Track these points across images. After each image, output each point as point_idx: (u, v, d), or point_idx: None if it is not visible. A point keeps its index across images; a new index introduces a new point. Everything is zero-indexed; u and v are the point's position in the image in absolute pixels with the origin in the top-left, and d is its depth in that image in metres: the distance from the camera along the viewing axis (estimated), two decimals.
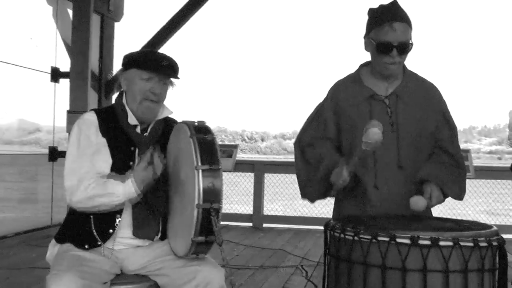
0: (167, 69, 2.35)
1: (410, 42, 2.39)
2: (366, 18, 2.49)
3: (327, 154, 2.47)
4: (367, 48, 2.49)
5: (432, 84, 2.59)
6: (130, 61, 2.38)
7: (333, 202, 2.65)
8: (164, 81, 2.38)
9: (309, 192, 2.56)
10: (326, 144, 2.52)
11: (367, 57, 2.54)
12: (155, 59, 2.34)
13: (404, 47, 2.38)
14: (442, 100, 2.58)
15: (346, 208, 2.53)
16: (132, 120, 2.39)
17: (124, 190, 2.23)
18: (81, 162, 2.29)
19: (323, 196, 2.56)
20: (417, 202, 2.29)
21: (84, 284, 2.05)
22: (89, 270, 2.16)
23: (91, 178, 2.25)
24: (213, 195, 2.07)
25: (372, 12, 2.45)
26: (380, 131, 2.16)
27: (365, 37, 2.48)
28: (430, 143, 2.50)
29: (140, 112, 2.38)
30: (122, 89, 2.45)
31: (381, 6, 2.42)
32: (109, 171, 2.31)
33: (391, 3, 2.42)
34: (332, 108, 2.55)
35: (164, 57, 2.36)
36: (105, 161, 2.32)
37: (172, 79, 2.45)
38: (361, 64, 2.61)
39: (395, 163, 2.43)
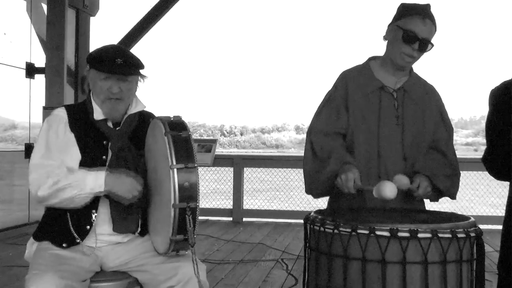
0: (122, 68, 2.29)
1: (431, 43, 2.45)
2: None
3: (336, 152, 2.45)
4: (387, 36, 2.51)
5: (433, 87, 2.66)
6: (90, 61, 2.35)
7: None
8: (123, 79, 2.33)
9: (314, 189, 2.55)
10: (338, 140, 2.51)
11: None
12: (110, 58, 2.28)
13: (426, 44, 2.43)
14: (441, 103, 2.65)
15: (344, 201, 2.52)
16: (98, 115, 2.37)
17: (94, 179, 2.20)
18: (49, 157, 2.26)
19: (328, 194, 2.58)
20: (401, 179, 2.32)
21: (65, 284, 2.04)
22: (69, 268, 2.15)
23: (60, 173, 2.22)
24: (189, 194, 2.05)
25: (405, 5, 2.49)
26: (395, 188, 2.21)
27: (390, 24, 2.50)
28: (428, 141, 2.56)
29: (105, 111, 2.36)
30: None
31: (417, 3, 2.47)
32: (77, 167, 2.28)
33: (426, 4, 2.47)
34: (342, 96, 2.55)
35: (120, 55, 2.30)
36: (74, 157, 2.30)
37: (141, 72, 2.41)
38: (370, 58, 2.65)
39: (400, 155, 2.48)
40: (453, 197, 2.55)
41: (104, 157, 2.34)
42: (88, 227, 2.31)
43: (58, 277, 2.04)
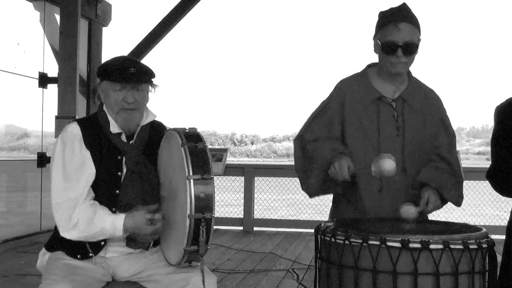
0: (136, 76, 2.30)
1: (417, 43, 2.40)
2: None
3: (328, 142, 2.44)
4: (375, 50, 2.48)
5: (433, 91, 2.61)
6: (102, 73, 2.35)
7: (331, 204, 2.63)
8: (136, 88, 2.33)
9: (308, 184, 2.50)
10: (330, 141, 2.47)
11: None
12: (123, 68, 2.29)
13: (410, 48, 2.38)
14: (442, 107, 2.59)
15: (344, 212, 2.51)
16: (114, 128, 2.36)
17: (113, 226, 2.22)
18: (68, 184, 2.25)
19: (323, 191, 2.51)
20: (408, 211, 2.28)
21: None
22: (81, 278, 2.16)
23: (79, 211, 2.21)
24: (205, 205, 2.06)
25: (380, 14, 2.46)
26: (395, 163, 2.20)
27: (373, 38, 2.48)
28: (430, 149, 2.51)
29: (120, 122, 2.35)
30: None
31: (390, 8, 2.43)
32: (92, 182, 2.28)
33: (400, 5, 2.43)
34: (338, 105, 2.51)
35: (132, 64, 2.32)
36: (90, 174, 2.29)
37: (153, 81, 2.41)
38: (368, 65, 2.61)
39: (400, 166, 2.41)
40: (458, 205, 2.51)
41: (119, 173, 2.33)
42: (103, 243, 2.31)
43: (71, 287, 2.05)
